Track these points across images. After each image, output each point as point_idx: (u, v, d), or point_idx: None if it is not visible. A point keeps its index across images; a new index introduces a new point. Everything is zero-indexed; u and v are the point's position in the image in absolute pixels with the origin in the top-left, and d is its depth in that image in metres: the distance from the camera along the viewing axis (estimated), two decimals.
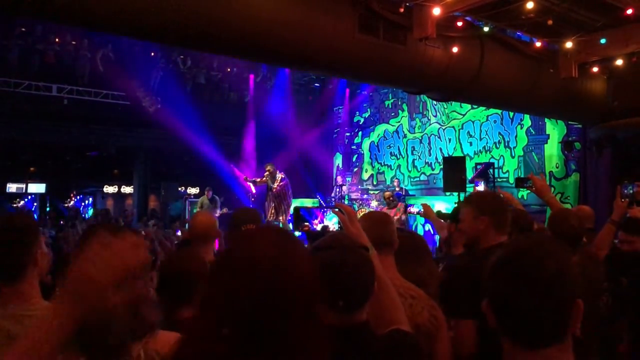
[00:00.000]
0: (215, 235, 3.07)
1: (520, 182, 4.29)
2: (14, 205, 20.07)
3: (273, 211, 11.39)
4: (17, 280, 1.80)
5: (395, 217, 10.59)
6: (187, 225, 11.41)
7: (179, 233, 10.40)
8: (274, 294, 1.02)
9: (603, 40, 7.53)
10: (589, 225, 4.09)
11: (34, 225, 1.97)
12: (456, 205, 10.22)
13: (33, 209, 20.24)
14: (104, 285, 1.07)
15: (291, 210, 12.68)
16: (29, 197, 20.71)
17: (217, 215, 11.99)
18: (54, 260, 2.27)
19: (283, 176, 11.64)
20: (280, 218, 11.41)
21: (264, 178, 11.58)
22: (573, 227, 3.18)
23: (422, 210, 4.31)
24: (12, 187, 18.46)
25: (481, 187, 8.91)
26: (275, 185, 11.36)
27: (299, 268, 1.07)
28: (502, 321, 1.20)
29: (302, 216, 2.35)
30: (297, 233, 11.02)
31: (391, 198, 11.47)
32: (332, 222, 10.98)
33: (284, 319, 1.02)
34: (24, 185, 18.54)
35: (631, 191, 4.52)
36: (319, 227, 10.28)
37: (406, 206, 11.63)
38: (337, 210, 1.92)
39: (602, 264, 3.46)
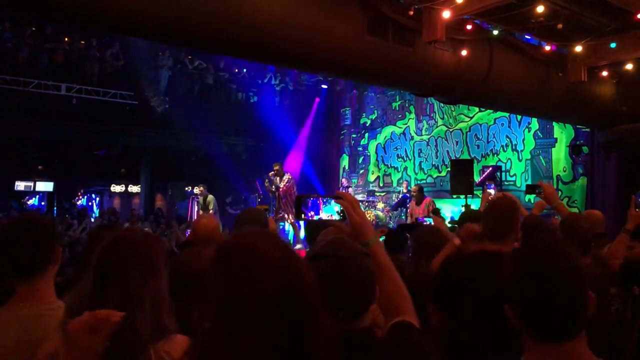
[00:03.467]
0: (218, 237, 3.10)
1: (530, 189, 4.33)
2: (23, 202, 20.17)
3: (280, 211, 11.38)
4: (35, 278, 1.81)
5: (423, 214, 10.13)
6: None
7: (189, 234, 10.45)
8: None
9: (613, 45, 7.50)
10: (600, 230, 4.09)
11: (54, 224, 2.00)
12: (463, 208, 10.20)
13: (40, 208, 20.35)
14: None
15: None
16: (37, 195, 20.81)
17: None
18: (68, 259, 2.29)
19: (290, 177, 11.64)
20: (287, 217, 11.40)
21: (272, 175, 11.56)
22: (584, 230, 3.23)
23: (433, 223, 4.34)
24: (20, 185, 18.56)
25: (492, 190, 8.84)
26: (282, 185, 11.37)
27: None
28: (527, 319, 1.37)
29: (301, 207, 2.34)
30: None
31: (415, 192, 10.72)
32: (328, 214, 10.87)
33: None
34: (32, 184, 18.63)
35: None
36: (316, 218, 10.00)
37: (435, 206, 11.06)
38: (340, 199, 1.85)
39: (611, 270, 3.47)
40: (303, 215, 2.21)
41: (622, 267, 3.52)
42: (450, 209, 12.78)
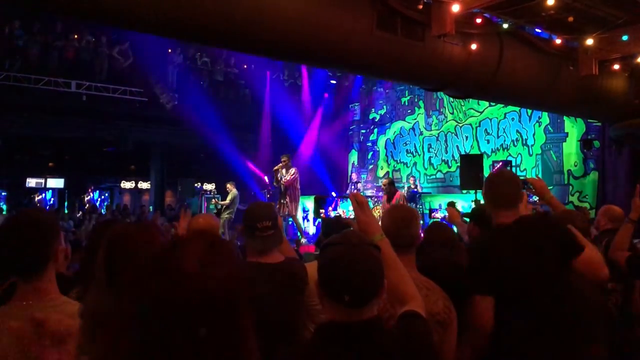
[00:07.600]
0: None
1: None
2: (33, 197, 20.35)
3: (287, 204, 11.35)
4: (36, 277, 1.77)
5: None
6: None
7: None
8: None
9: (625, 37, 7.41)
10: (618, 225, 4.01)
11: (53, 220, 1.93)
12: (473, 204, 10.15)
13: (50, 204, 20.51)
14: None
15: (302, 204, 12.71)
16: (47, 191, 20.99)
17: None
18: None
19: (295, 170, 11.63)
20: (292, 211, 11.38)
21: (279, 167, 11.52)
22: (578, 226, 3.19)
23: (447, 215, 4.23)
24: (31, 182, 18.74)
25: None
26: (288, 177, 11.35)
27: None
28: None
29: (320, 205, 2.37)
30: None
31: (384, 186, 10.76)
32: (344, 210, 10.93)
33: None
34: (43, 180, 18.81)
35: None
36: (332, 214, 10.19)
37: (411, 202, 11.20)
38: (352, 198, 2.00)
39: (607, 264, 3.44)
40: (322, 211, 2.34)
41: (632, 259, 3.43)
42: (460, 204, 12.72)
